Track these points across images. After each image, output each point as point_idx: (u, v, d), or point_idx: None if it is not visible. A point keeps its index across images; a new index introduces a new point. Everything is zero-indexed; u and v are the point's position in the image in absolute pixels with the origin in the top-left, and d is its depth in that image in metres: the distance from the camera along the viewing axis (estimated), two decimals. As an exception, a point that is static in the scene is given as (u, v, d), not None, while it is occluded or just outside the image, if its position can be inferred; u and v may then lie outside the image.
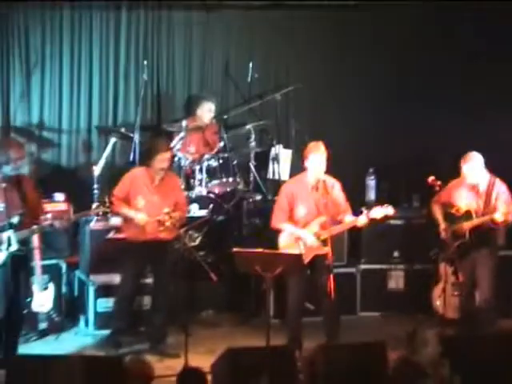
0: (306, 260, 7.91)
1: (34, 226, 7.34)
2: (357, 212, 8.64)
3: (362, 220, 8.03)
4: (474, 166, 8.28)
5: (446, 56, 10.59)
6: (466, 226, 8.27)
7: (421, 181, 8.62)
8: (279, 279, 7.94)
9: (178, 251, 8.36)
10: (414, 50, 10.68)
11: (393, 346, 7.13)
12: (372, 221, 8.11)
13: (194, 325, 8.57)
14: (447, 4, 10.10)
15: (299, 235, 8.02)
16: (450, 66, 10.62)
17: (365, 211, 8.13)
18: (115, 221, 8.67)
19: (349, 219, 8.07)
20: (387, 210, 8.09)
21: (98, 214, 7.81)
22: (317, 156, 8.00)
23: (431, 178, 8.34)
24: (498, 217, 8.14)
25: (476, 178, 8.30)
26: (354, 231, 9.52)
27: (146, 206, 8.07)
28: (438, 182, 8.33)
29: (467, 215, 8.30)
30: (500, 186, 8.36)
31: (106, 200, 7.66)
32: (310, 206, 8.05)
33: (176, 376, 5.57)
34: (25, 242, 7.35)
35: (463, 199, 8.37)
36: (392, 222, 9.59)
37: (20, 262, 7.29)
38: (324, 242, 7.89)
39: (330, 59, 10.74)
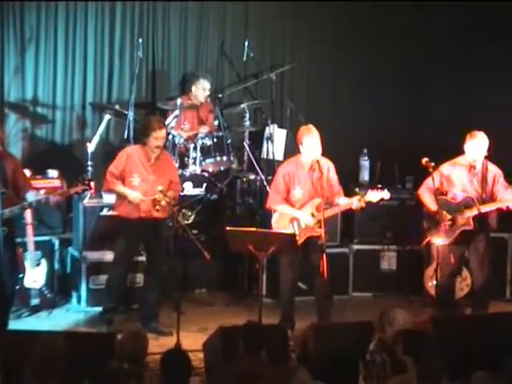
0: (300, 241, 7.92)
1: (14, 207, 7.26)
2: (350, 193, 8.68)
3: (357, 203, 8.02)
4: (479, 144, 8.24)
5: (442, 39, 10.58)
6: (469, 213, 8.21)
7: (414, 162, 8.61)
8: (272, 258, 7.98)
9: (172, 229, 8.35)
10: (412, 35, 10.66)
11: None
12: (367, 204, 8.10)
13: (187, 303, 8.58)
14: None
15: (296, 216, 8.01)
16: (447, 50, 10.61)
17: (360, 194, 8.11)
18: (109, 198, 8.65)
19: (343, 202, 8.06)
20: (383, 194, 8.09)
21: (77, 193, 7.76)
22: (310, 139, 7.98)
23: (425, 160, 8.31)
24: None
25: (478, 156, 8.26)
26: (347, 211, 9.57)
27: (141, 184, 8.04)
28: (432, 164, 8.31)
29: (468, 202, 8.23)
30: (495, 169, 8.37)
31: (86, 178, 7.62)
32: (307, 188, 8.04)
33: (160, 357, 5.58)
34: (8, 222, 7.23)
35: (460, 184, 8.32)
36: (385, 202, 9.58)
37: (4, 241, 7.14)
38: (318, 224, 7.88)
39: (325, 39, 10.74)
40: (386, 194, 8.12)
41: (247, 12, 10.53)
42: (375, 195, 8.07)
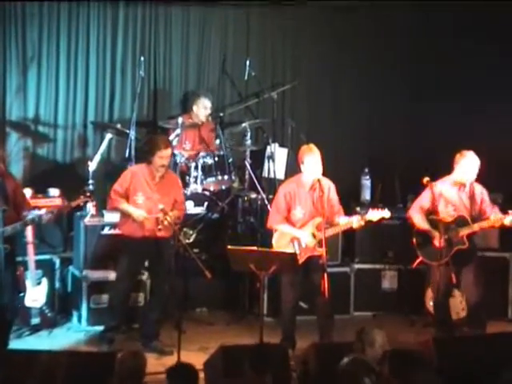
0: (301, 260, 7.91)
1: (17, 223, 7.29)
2: (351, 212, 8.68)
3: (357, 222, 8.02)
4: (472, 163, 8.27)
5: (443, 57, 10.59)
6: (463, 232, 8.23)
7: (415, 181, 8.62)
8: (273, 277, 7.97)
9: (173, 248, 8.34)
10: (412, 52, 10.67)
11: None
12: (368, 223, 8.10)
13: (188, 322, 8.55)
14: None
15: (296, 235, 8.02)
16: (448, 67, 10.61)
17: (361, 213, 8.11)
18: (110, 217, 8.65)
19: (344, 221, 8.06)
20: (383, 213, 8.09)
21: (79, 206, 7.76)
22: (311, 158, 7.99)
23: (426, 179, 8.32)
24: (509, 221, 8.14)
25: (470, 175, 8.28)
26: (348, 230, 9.56)
27: (145, 203, 8.05)
28: (433, 183, 8.33)
29: (461, 220, 8.26)
30: (481, 187, 8.39)
31: (87, 190, 7.63)
32: (308, 207, 8.05)
33: (166, 370, 5.55)
34: (9, 240, 7.25)
35: (449, 202, 8.31)
36: (386, 222, 9.59)
37: (5, 260, 7.15)
38: (319, 243, 7.88)
39: (326, 58, 10.76)
40: (386, 213, 8.12)
41: (248, 31, 10.56)
42: (376, 214, 8.07)
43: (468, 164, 8.27)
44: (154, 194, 8.08)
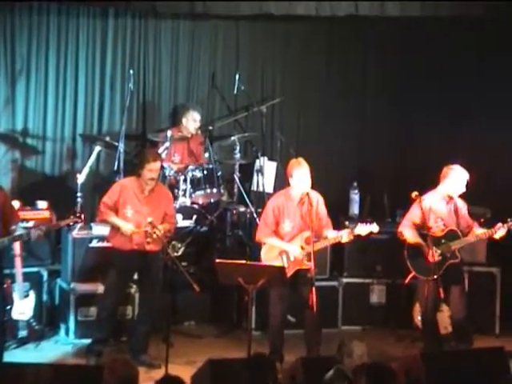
0: (289, 274, 7.91)
1: (4, 238, 7.27)
2: (340, 226, 8.69)
3: (345, 236, 8.03)
4: (461, 176, 8.32)
5: (433, 71, 10.63)
6: (455, 246, 8.25)
7: (404, 196, 8.64)
8: (261, 291, 7.96)
9: (162, 261, 8.33)
10: (400, 66, 10.71)
11: (373, 359, 7.15)
12: (356, 237, 8.12)
13: (176, 335, 8.55)
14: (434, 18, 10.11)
15: (285, 249, 8.02)
16: (437, 84, 10.66)
17: (349, 228, 8.13)
18: (98, 229, 8.64)
19: (332, 235, 8.08)
20: (372, 227, 8.11)
21: (68, 225, 7.77)
22: (300, 172, 8.02)
23: (414, 194, 8.35)
24: (500, 234, 8.19)
25: (459, 189, 8.33)
26: (336, 244, 9.57)
27: (134, 216, 8.05)
28: (422, 197, 8.35)
29: (452, 234, 8.29)
30: (462, 201, 8.45)
31: (78, 211, 7.63)
32: (296, 221, 8.07)
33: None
34: None
35: (439, 216, 8.33)
36: (375, 236, 9.60)
37: None
38: (307, 257, 7.89)
39: (316, 72, 10.79)
40: (374, 228, 8.14)
41: (238, 45, 10.57)
42: (364, 228, 8.09)
43: (457, 177, 8.31)
44: (142, 208, 8.08)
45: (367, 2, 9.71)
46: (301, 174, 7.99)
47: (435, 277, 8.08)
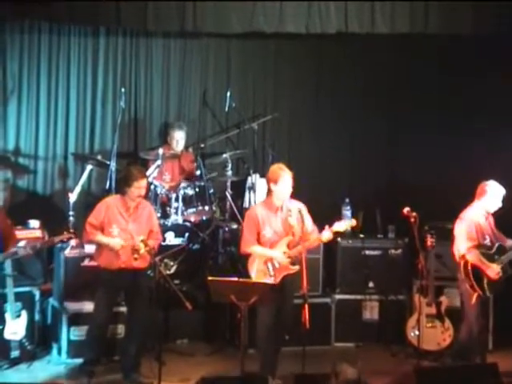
0: (277, 281, 7.95)
1: None
2: (332, 243, 8.69)
3: (325, 235, 8.06)
4: (499, 192, 8.38)
5: (422, 87, 10.67)
6: (506, 259, 8.30)
7: (396, 212, 8.66)
8: (253, 308, 7.96)
9: (153, 279, 8.32)
10: (391, 82, 10.74)
11: (367, 376, 7.17)
12: (336, 234, 8.18)
13: (168, 354, 8.51)
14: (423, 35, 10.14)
15: (269, 255, 8.05)
16: (427, 97, 10.69)
17: (327, 226, 8.14)
18: (90, 248, 8.63)
19: (313, 236, 8.11)
20: (350, 222, 8.15)
21: (62, 241, 7.77)
22: (285, 178, 8.07)
23: (406, 209, 8.38)
24: None
25: (497, 205, 8.40)
26: (329, 261, 9.58)
27: (120, 234, 8.05)
28: (414, 214, 8.37)
29: (501, 249, 8.33)
30: (491, 217, 8.50)
31: (71, 227, 7.64)
32: (277, 227, 8.11)
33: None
34: None
35: (486, 233, 8.39)
36: (367, 252, 9.65)
37: None
38: (293, 262, 7.96)
39: (306, 89, 10.82)
40: (352, 222, 8.16)
41: (229, 62, 10.61)
42: (342, 224, 8.11)
43: (495, 193, 8.37)
44: (128, 225, 8.10)
45: (357, 19, 9.74)
46: (285, 179, 8.05)
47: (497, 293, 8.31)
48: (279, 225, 8.12)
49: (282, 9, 9.68)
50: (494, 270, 8.21)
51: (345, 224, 8.13)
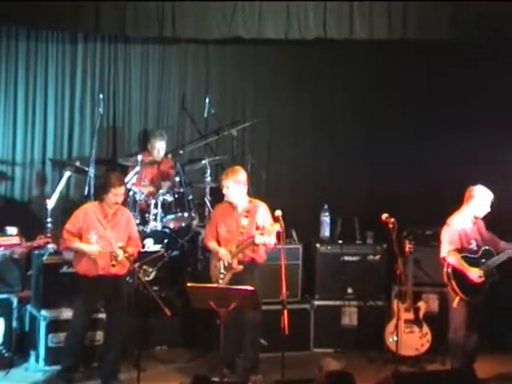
0: (225, 280, 8.16)
1: None
2: (311, 249, 8.64)
3: (258, 238, 8.16)
4: (486, 197, 8.40)
5: (401, 93, 10.71)
6: (492, 264, 8.32)
7: (375, 218, 8.69)
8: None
9: (132, 286, 8.31)
10: (370, 88, 10.77)
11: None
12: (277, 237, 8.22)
13: (147, 360, 8.51)
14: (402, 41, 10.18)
15: (219, 252, 8.28)
16: (406, 103, 10.73)
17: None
18: (69, 255, 8.59)
19: (260, 240, 8.19)
20: (275, 226, 8.16)
21: (39, 246, 7.75)
22: (232, 182, 8.28)
23: (385, 215, 8.41)
24: None
25: (485, 210, 8.41)
26: (308, 267, 9.59)
27: (98, 241, 8.05)
28: (392, 220, 8.41)
29: (487, 254, 8.35)
30: (480, 221, 8.51)
31: (48, 231, 7.61)
32: (230, 227, 8.32)
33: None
34: None
35: (473, 238, 8.40)
36: (346, 258, 9.67)
37: None
38: (240, 261, 8.20)
39: (286, 95, 10.82)
40: (275, 227, 8.14)
41: (208, 68, 10.60)
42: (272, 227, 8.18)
43: (482, 198, 8.39)
44: (106, 232, 8.10)
45: (335, 25, 9.77)
46: (232, 183, 8.29)
47: (481, 298, 8.26)
48: (233, 224, 8.30)
49: (261, 15, 9.71)
50: (474, 274, 8.24)
51: (274, 227, 8.16)
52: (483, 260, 8.32)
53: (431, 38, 9.94)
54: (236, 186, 8.31)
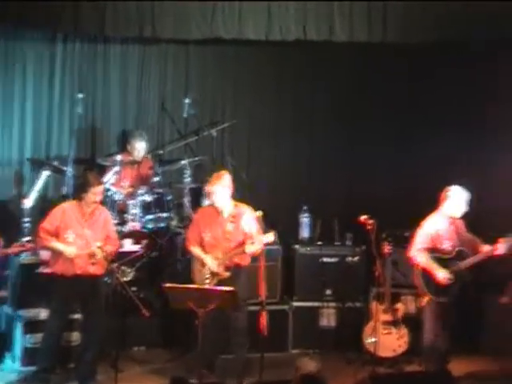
0: (210, 285, 8.11)
1: None
2: (289, 250, 8.63)
3: (248, 247, 8.14)
4: (464, 197, 8.43)
5: (381, 95, 10.73)
6: (465, 265, 8.35)
7: (354, 219, 8.70)
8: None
9: (110, 286, 8.28)
10: (350, 88, 10.78)
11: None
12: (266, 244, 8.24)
13: (125, 361, 8.48)
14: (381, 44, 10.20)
15: (203, 259, 8.23)
16: (386, 106, 10.76)
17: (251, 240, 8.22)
18: (46, 255, 8.55)
19: (250, 249, 8.17)
20: (269, 237, 8.20)
21: (14, 253, 7.74)
22: (219, 187, 8.24)
23: (364, 217, 8.43)
24: (502, 249, 8.29)
25: (462, 209, 8.44)
26: (287, 268, 9.60)
27: (75, 240, 8.02)
28: (371, 221, 8.42)
29: (461, 254, 8.38)
30: (460, 221, 8.55)
31: (24, 241, 7.59)
32: (215, 232, 8.27)
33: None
34: None
35: (445, 238, 8.44)
36: (325, 259, 9.68)
37: None
38: (227, 268, 8.16)
39: (266, 96, 10.82)
40: (270, 237, 8.21)
41: (188, 69, 10.58)
42: (265, 237, 8.19)
43: (458, 198, 8.41)
44: (84, 231, 8.07)
45: (315, 27, 9.78)
46: (219, 189, 8.25)
47: (451, 298, 8.30)
48: (219, 230, 8.26)
49: (242, 15, 9.70)
50: (442, 275, 8.28)
51: (267, 238, 8.21)
52: (455, 261, 8.36)
53: (411, 40, 9.96)
54: (223, 190, 8.27)
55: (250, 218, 8.25)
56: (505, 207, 9.69)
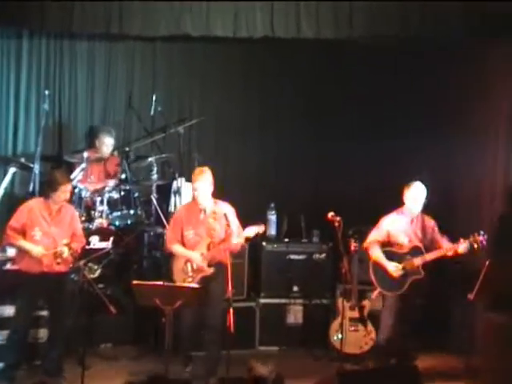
0: (194, 282, 8.07)
1: None
2: (257, 247, 8.67)
3: (235, 239, 8.16)
4: (418, 193, 8.53)
5: (347, 92, 10.77)
6: (417, 262, 8.44)
7: (321, 216, 8.74)
8: (178, 312, 7.95)
9: (77, 283, 8.26)
10: (320, 84, 10.82)
11: (289, 380, 7.22)
12: (247, 240, 8.35)
13: (92, 358, 8.46)
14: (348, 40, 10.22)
15: (188, 256, 8.21)
16: (354, 103, 10.80)
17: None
18: (13, 252, 8.51)
19: (234, 241, 8.20)
20: (258, 228, 8.25)
21: None
22: (201, 184, 8.24)
23: (331, 214, 8.48)
24: (462, 249, 8.34)
25: (417, 205, 8.53)
26: (253, 265, 9.63)
27: (42, 238, 8.02)
28: (338, 218, 8.47)
29: (415, 251, 8.47)
30: (430, 219, 8.66)
31: None
32: (198, 229, 8.27)
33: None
34: None
35: (403, 234, 8.54)
36: (292, 256, 9.72)
37: None
38: (210, 264, 8.16)
39: (233, 93, 10.83)
40: (260, 228, 8.27)
41: (155, 66, 10.57)
42: (251, 230, 8.24)
43: (413, 194, 8.53)
44: (50, 229, 8.06)
45: (282, 24, 9.78)
46: (200, 185, 8.25)
47: (401, 292, 8.40)
48: (201, 227, 8.24)
49: (209, 12, 9.68)
50: (391, 268, 8.39)
51: (254, 230, 8.24)
52: (408, 256, 8.44)
53: (377, 36, 10.00)
54: (205, 187, 8.26)
55: (230, 214, 8.25)
56: (467, 203, 9.75)
